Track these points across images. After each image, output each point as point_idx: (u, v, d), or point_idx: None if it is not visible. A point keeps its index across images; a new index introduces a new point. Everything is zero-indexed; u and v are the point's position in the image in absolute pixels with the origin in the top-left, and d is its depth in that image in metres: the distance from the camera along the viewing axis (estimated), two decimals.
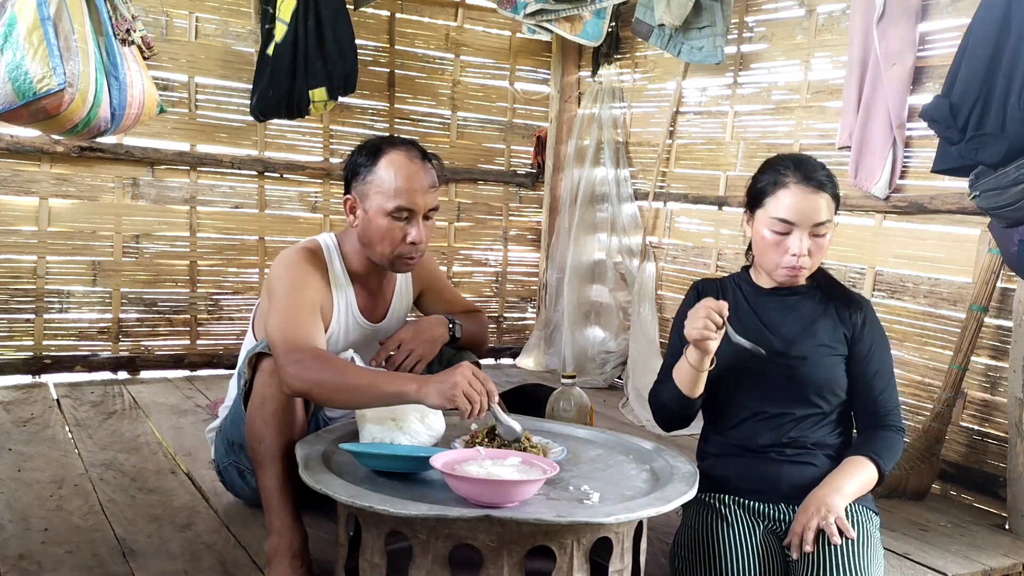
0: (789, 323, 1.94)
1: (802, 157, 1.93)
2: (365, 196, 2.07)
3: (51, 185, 3.66)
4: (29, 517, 2.21)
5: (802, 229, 1.84)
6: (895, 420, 1.90)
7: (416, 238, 2.06)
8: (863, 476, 1.81)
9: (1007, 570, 2.33)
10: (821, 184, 1.85)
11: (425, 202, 2.06)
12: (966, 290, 2.87)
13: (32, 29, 2.51)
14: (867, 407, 1.92)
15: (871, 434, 1.89)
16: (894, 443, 1.88)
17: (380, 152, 2.07)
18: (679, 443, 2.82)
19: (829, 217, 1.86)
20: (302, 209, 4.18)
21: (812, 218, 1.84)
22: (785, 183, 1.86)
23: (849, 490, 1.79)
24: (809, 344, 1.91)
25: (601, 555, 1.61)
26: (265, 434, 1.90)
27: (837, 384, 1.91)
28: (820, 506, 1.74)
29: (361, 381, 1.80)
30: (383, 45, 4.28)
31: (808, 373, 1.89)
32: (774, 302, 1.96)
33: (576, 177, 4.47)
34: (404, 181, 2.03)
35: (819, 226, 1.85)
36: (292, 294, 1.99)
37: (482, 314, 2.45)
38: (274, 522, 1.87)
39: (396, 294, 2.31)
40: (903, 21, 2.96)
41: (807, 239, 1.85)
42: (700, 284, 2.05)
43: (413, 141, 2.13)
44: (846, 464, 1.84)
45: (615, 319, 4.31)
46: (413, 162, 2.06)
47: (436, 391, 1.73)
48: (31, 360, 3.69)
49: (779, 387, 1.90)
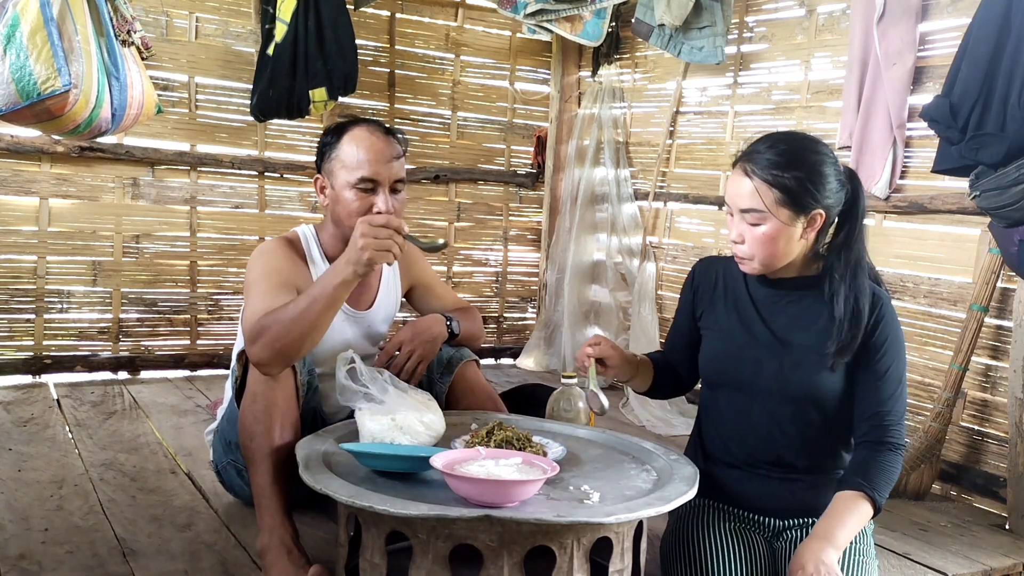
0: (785, 317, 1.82)
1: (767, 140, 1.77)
2: (332, 173, 2.12)
3: (51, 185, 3.66)
4: (29, 517, 2.21)
5: (736, 214, 1.78)
6: (896, 436, 1.74)
7: (382, 207, 2.07)
8: (858, 518, 1.67)
9: (1007, 570, 2.32)
10: (747, 171, 1.73)
11: (389, 172, 2.09)
12: (966, 290, 2.87)
13: (36, 30, 2.51)
14: (869, 414, 1.75)
15: (868, 455, 1.73)
16: (892, 468, 1.71)
17: (344, 130, 2.13)
18: (679, 443, 2.82)
19: (756, 206, 1.72)
20: (302, 209, 4.18)
21: (737, 203, 1.76)
22: (735, 165, 1.79)
23: (843, 540, 1.64)
24: (800, 342, 1.79)
25: (601, 555, 1.61)
26: (256, 431, 1.91)
27: (825, 389, 1.77)
28: (818, 565, 1.58)
29: (299, 306, 1.84)
30: (383, 45, 4.28)
31: (792, 375, 1.78)
32: (775, 292, 1.85)
33: (576, 177, 4.47)
34: (366, 152, 2.07)
35: (746, 213, 1.74)
36: (261, 280, 2.02)
37: (475, 311, 2.46)
38: (264, 519, 1.87)
39: (383, 284, 2.32)
40: (903, 21, 2.96)
41: (740, 224, 1.76)
42: (699, 266, 2.00)
43: (377, 120, 2.19)
44: (840, 504, 1.68)
45: (615, 319, 4.31)
46: (375, 134, 2.11)
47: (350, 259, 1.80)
48: (31, 360, 3.69)
49: (768, 390, 1.81)
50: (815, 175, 1.71)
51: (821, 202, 1.72)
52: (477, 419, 2.09)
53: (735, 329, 1.88)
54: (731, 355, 1.87)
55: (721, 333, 1.90)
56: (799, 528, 1.85)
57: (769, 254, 1.75)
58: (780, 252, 1.75)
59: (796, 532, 1.84)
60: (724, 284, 1.93)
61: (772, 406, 1.82)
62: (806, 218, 1.73)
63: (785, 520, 1.86)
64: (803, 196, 1.70)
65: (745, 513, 1.88)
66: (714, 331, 1.92)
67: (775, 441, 1.83)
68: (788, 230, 1.73)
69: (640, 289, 4.10)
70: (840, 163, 1.79)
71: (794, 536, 1.83)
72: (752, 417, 1.85)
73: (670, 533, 1.90)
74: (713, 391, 1.94)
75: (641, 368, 2.01)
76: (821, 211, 1.73)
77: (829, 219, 1.77)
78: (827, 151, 1.76)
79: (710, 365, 1.92)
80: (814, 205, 1.72)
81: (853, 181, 1.79)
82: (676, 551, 1.82)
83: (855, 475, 1.72)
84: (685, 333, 2.00)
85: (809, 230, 1.75)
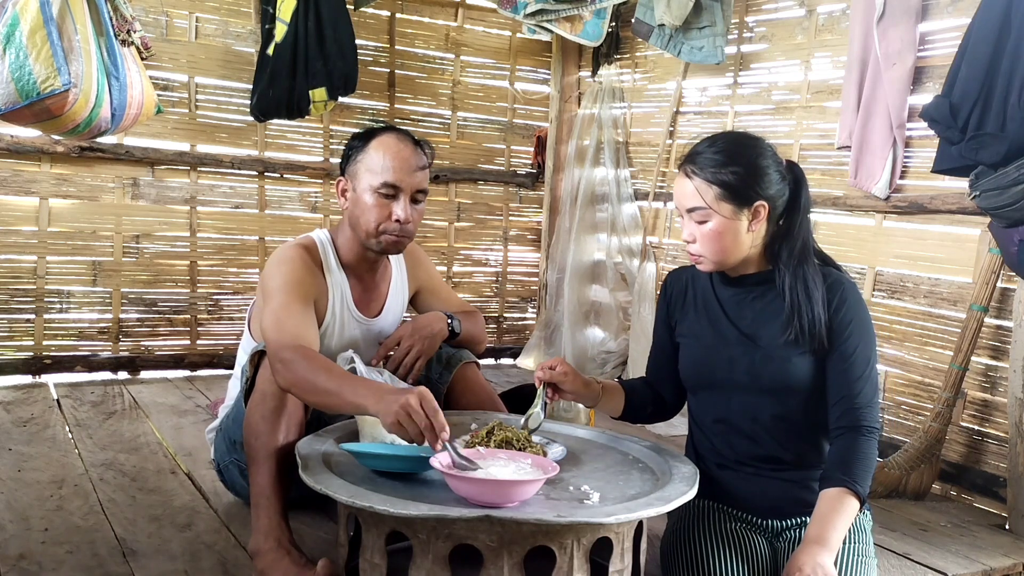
0: (751, 314, 1.86)
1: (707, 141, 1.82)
2: (355, 176, 2.14)
3: (51, 185, 3.66)
4: (29, 517, 2.21)
5: (684, 215, 1.83)
6: (869, 419, 1.75)
7: (401, 216, 2.09)
8: (846, 516, 1.68)
9: (1007, 570, 2.32)
10: (688, 172, 1.80)
11: (412, 181, 2.10)
12: (966, 290, 2.87)
13: (35, 30, 2.51)
14: (839, 397, 1.77)
15: (844, 445, 1.74)
16: (869, 456, 1.72)
17: (372, 135, 2.15)
18: (679, 443, 2.81)
19: (698, 204, 1.77)
20: (302, 209, 4.18)
21: (682, 203, 1.81)
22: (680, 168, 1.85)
23: (836, 541, 1.65)
24: (767, 336, 1.82)
25: (601, 555, 1.61)
26: (262, 430, 1.91)
27: (797, 379, 1.79)
28: (815, 568, 1.58)
29: (329, 386, 1.79)
30: (383, 45, 4.28)
31: (764, 369, 1.81)
32: (738, 291, 1.88)
33: (576, 177, 4.46)
34: (392, 159, 2.09)
35: (692, 212, 1.80)
36: (283, 290, 2.01)
37: (479, 314, 2.46)
38: (261, 520, 1.87)
39: (392, 290, 2.32)
40: (903, 21, 2.96)
41: (689, 224, 1.81)
42: (669, 278, 2.03)
43: (406, 130, 2.20)
44: (826, 504, 1.69)
45: (615, 319, 4.31)
46: (403, 142, 2.13)
47: (385, 410, 1.64)
48: (31, 360, 3.69)
49: (743, 385, 1.83)
50: (753, 168, 1.77)
51: (762, 194, 1.77)
52: (477, 419, 2.09)
53: (705, 332, 1.91)
54: (705, 357, 1.89)
55: (694, 338, 1.93)
56: (799, 527, 1.85)
57: (718, 249, 1.79)
58: (729, 247, 1.79)
59: (796, 531, 1.85)
60: (694, 291, 1.96)
61: (750, 402, 1.84)
62: (749, 211, 1.77)
63: (783, 520, 1.86)
64: (743, 189, 1.76)
65: (743, 514, 1.88)
66: (688, 338, 1.95)
67: (758, 437, 1.85)
68: (733, 224, 1.77)
69: (640, 289, 4.10)
70: (780, 157, 1.83)
71: (794, 536, 1.84)
72: (733, 416, 1.87)
73: (670, 533, 1.90)
74: (695, 395, 1.96)
75: (607, 393, 1.99)
76: (763, 203, 1.77)
77: (774, 211, 1.80)
78: (765, 146, 1.82)
79: (687, 370, 1.95)
80: (755, 197, 1.76)
81: (794, 172, 1.83)
82: (676, 551, 1.82)
83: (836, 470, 1.72)
84: (667, 349, 2.01)
85: (755, 223, 1.79)
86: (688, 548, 1.80)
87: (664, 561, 1.89)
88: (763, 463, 1.86)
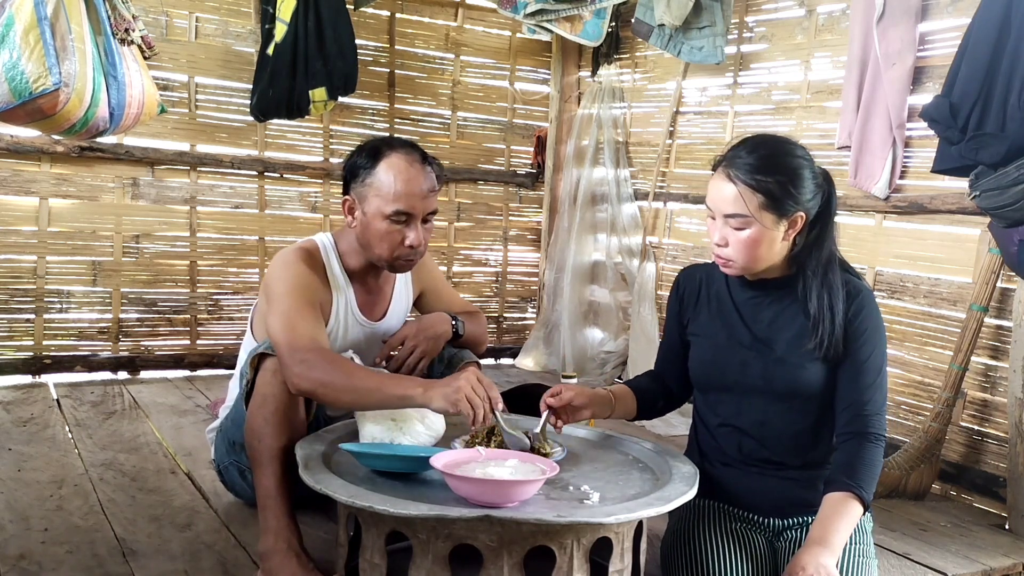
0: (766, 318, 1.84)
1: (748, 144, 1.76)
2: (364, 198, 2.06)
3: (51, 185, 3.66)
4: (29, 517, 2.20)
5: (718, 218, 1.78)
6: (876, 427, 1.74)
7: (414, 241, 2.05)
8: (850, 519, 1.68)
9: (1007, 570, 2.32)
10: (730, 176, 1.73)
11: (424, 206, 2.05)
12: (966, 290, 2.87)
13: (29, 29, 2.51)
14: (848, 403, 1.77)
15: (851, 450, 1.74)
16: (874, 462, 1.72)
17: (380, 154, 2.06)
18: (679, 443, 2.81)
19: (740, 211, 1.72)
20: (302, 209, 4.18)
21: (721, 208, 1.75)
22: (715, 169, 1.79)
23: (839, 543, 1.65)
24: (782, 341, 1.81)
25: (601, 555, 1.61)
26: (264, 432, 1.90)
27: (809, 385, 1.79)
28: (818, 568, 1.58)
29: (368, 384, 1.80)
30: (383, 45, 4.28)
31: (776, 373, 1.80)
32: (756, 295, 1.86)
33: (576, 177, 4.47)
34: (404, 185, 2.02)
35: (731, 218, 1.74)
36: (292, 294, 1.99)
37: (481, 315, 2.46)
38: (270, 521, 1.86)
39: (396, 294, 2.31)
40: (903, 21, 2.96)
41: (724, 228, 1.76)
42: (682, 275, 2.01)
43: (413, 143, 2.12)
44: (830, 507, 1.69)
45: (615, 319, 4.31)
46: (413, 166, 2.04)
47: (441, 395, 1.73)
48: (31, 360, 3.69)
49: (755, 389, 1.83)
50: (796, 178, 1.73)
51: (802, 205, 1.74)
52: None
53: (719, 333, 1.90)
54: (717, 358, 1.89)
55: (707, 338, 1.92)
56: (799, 528, 1.85)
57: (752, 257, 1.76)
58: (763, 255, 1.77)
59: (797, 532, 1.85)
60: (707, 290, 1.95)
61: (760, 405, 1.84)
62: (788, 221, 1.74)
63: (785, 519, 1.86)
64: (785, 200, 1.72)
65: (745, 513, 1.88)
66: (700, 337, 1.94)
67: (766, 440, 1.85)
68: (771, 234, 1.74)
69: (640, 289, 4.10)
70: (816, 164, 1.81)
71: (795, 536, 1.84)
72: (742, 417, 1.86)
73: (670, 533, 1.90)
74: (704, 394, 1.96)
75: (619, 399, 1.99)
76: (802, 213, 1.75)
77: (808, 220, 1.78)
78: (805, 154, 1.78)
79: (698, 370, 1.94)
80: (795, 208, 1.73)
81: (828, 182, 1.81)
82: (676, 551, 1.83)
83: (841, 474, 1.72)
84: (677, 346, 2.01)
85: (791, 232, 1.76)
86: (689, 548, 1.80)
87: (664, 561, 1.89)
88: (768, 464, 1.86)
